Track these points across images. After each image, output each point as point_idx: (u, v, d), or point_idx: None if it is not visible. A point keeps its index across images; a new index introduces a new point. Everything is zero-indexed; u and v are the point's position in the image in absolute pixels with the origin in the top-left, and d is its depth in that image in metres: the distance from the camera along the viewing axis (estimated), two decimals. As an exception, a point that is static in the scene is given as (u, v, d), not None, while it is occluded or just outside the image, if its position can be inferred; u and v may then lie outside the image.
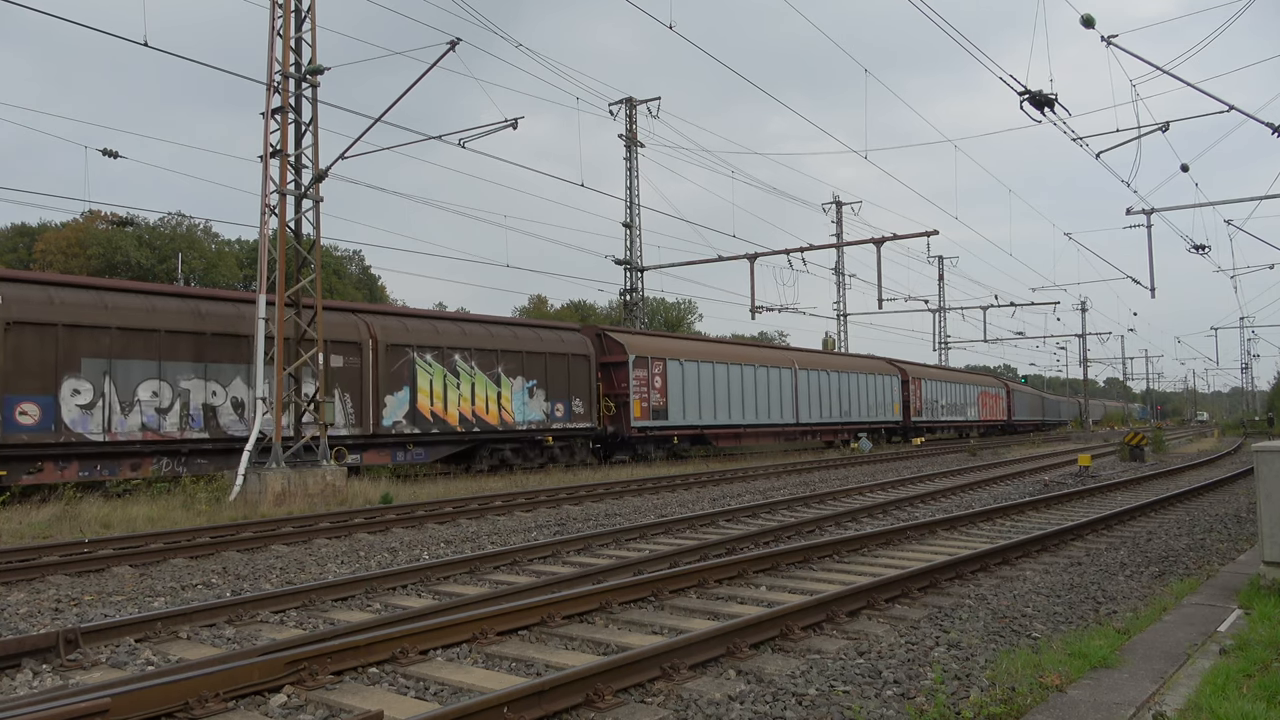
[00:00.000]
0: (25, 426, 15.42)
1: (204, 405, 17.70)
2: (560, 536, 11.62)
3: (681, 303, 73.65)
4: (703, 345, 32.47)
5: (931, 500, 16.60)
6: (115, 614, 7.67)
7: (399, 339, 21.48)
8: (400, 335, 21.56)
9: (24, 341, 15.52)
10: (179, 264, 47.97)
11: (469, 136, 19.69)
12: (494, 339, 24.13)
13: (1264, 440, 17.79)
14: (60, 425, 15.82)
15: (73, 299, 16.39)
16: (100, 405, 16.32)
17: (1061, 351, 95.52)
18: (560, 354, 25.70)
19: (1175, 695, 4.90)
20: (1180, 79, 14.88)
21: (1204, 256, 27.42)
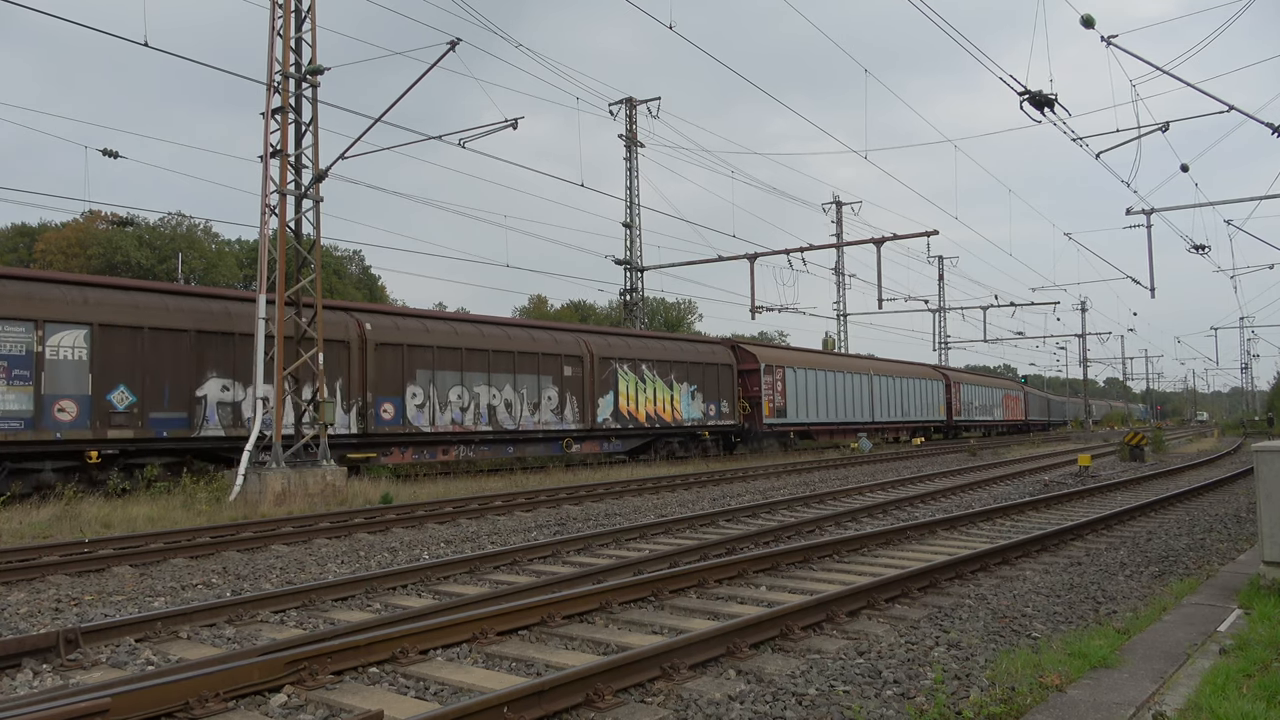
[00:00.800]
0: (386, 421, 20.94)
1: (488, 406, 23.31)
2: (560, 536, 11.62)
3: (681, 303, 73.72)
4: (809, 355, 38.45)
5: (931, 500, 16.60)
6: (115, 614, 7.67)
7: (605, 353, 26.77)
8: (606, 350, 26.91)
9: (384, 358, 20.96)
10: (179, 264, 47.97)
11: (469, 136, 19.71)
12: (667, 351, 29.53)
13: (1264, 440, 17.80)
14: (405, 420, 21.28)
15: (408, 325, 22.11)
16: (427, 405, 21.87)
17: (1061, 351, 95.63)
18: (712, 363, 30.98)
19: (1175, 695, 4.90)
20: (1180, 79, 14.89)
21: (1204, 256, 27.43)
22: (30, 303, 15.79)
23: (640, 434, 28.01)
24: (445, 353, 22.36)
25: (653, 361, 28.55)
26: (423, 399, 21.72)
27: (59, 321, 16.08)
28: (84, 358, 16.36)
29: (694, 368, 30.12)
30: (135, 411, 16.88)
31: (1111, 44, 14.47)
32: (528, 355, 24.53)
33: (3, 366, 15.45)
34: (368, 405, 20.55)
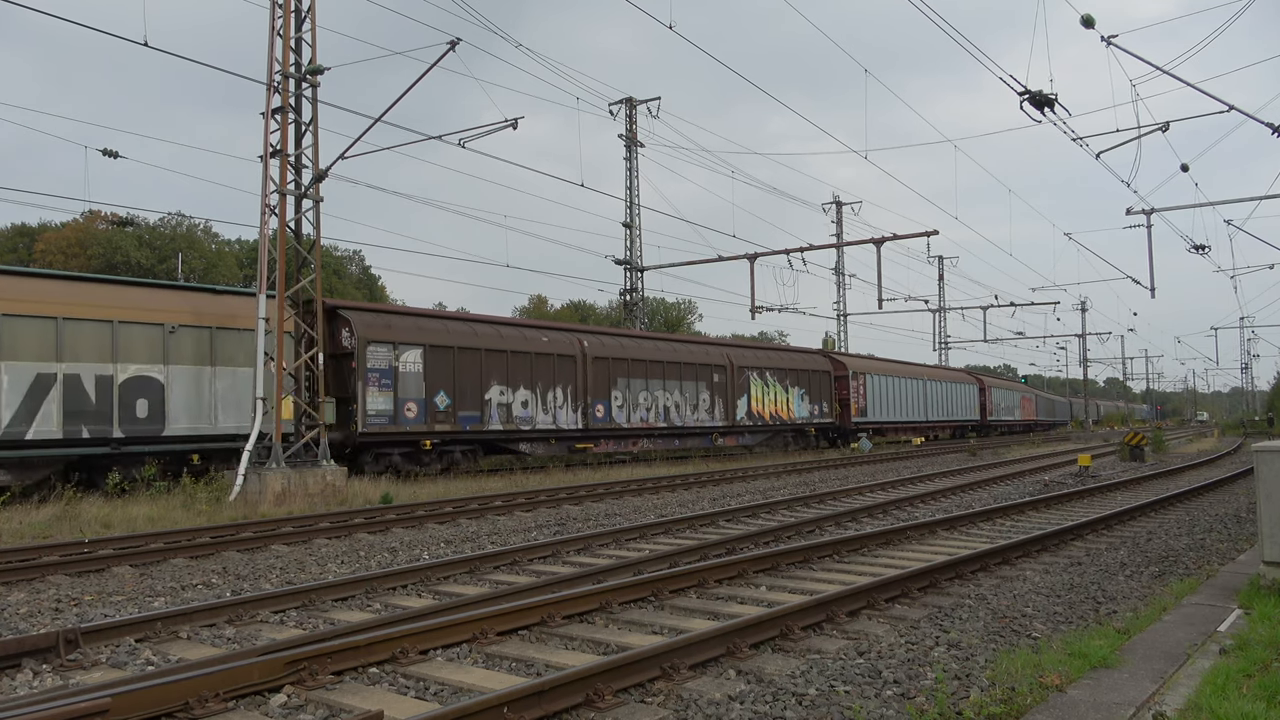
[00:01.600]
0: (599, 418, 26.11)
1: (663, 407, 28.58)
2: (560, 536, 11.62)
3: (681, 303, 73.73)
4: (882, 363, 43.88)
5: (931, 500, 16.60)
6: (115, 614, 7.67)
7: (741, 362, 32.43)
8: (741, 360, 32.44)
9: (597, 369, 26.18)
10: (179, 264, 47.95)
11: (469, 136, 19.71)
12: (782, 360, 35.32)
13: (1264, 440, 17.80)
14: (610, 417, 26.48)
15: (611, 343, 27.58)
16: (625, 406, 27.11)
17: (1061, 351, 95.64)
18: (815, 370, 36.84)
19: (1175, 695, 4.90)
20: (1180, 79, 14.90)
21: (1204, 256, 27.43)
22: (390, 330, 21.00)
23: (765, 429, 33.78)
24: (636, 364, 27.73)
25: (773, 369, 34.08)
26: (621, 401, 27.09)
27: (406, 343, 21.09)
28: (420, 370, 21.30)
29: (802, 374, 35.81)
30: (450, 410, 21.94)
31: (1111, 44, 14.47)
32: (690, 365, 29.89)
33: (375, 377, 20.18)
34: (587, 406, 25.73)
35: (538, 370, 24.37)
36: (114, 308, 16.83)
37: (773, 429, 33.95)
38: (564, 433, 24.96)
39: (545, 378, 24.46)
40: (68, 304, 16.27)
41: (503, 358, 23.39)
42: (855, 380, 38.59)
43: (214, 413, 17.93)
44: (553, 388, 24.72)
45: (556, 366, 24.76)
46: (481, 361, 22.77)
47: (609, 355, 26.73)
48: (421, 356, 21.26)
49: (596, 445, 26.54)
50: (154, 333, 17.22)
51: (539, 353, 24.56)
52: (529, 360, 24.13)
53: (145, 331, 17.08)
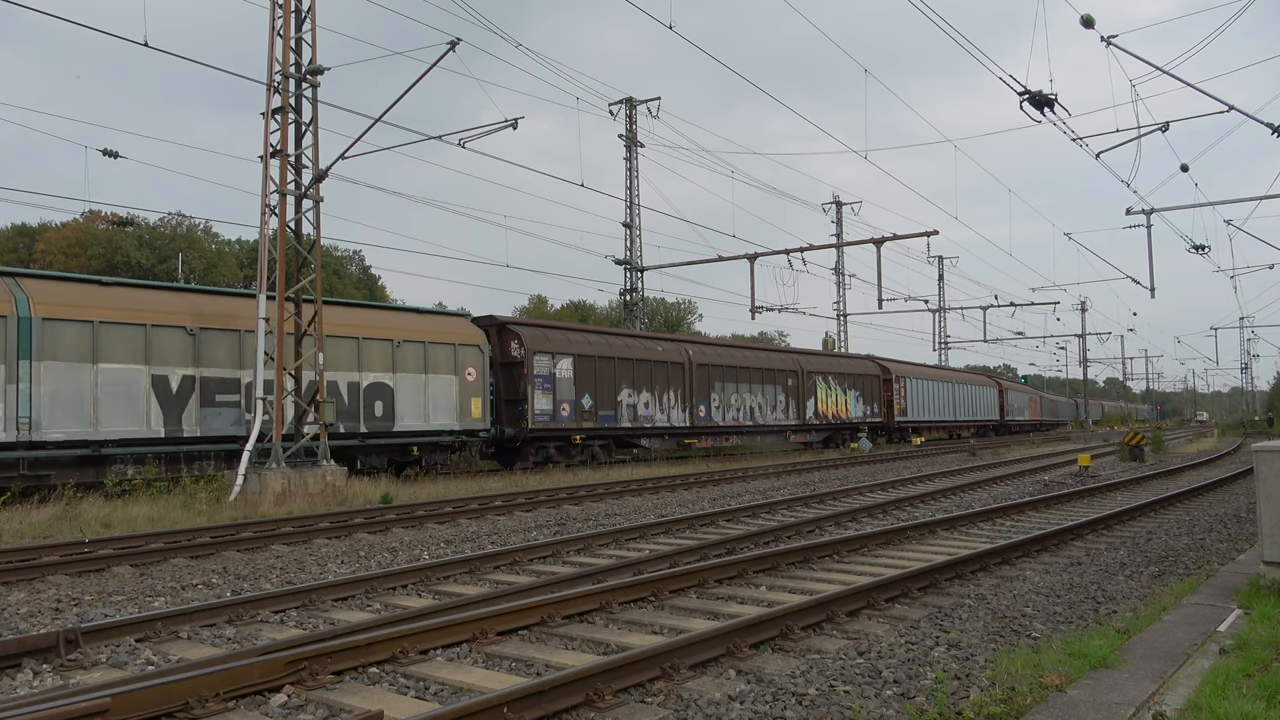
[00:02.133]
0: (701, 418, 29.99)
1: (749, 407, 32.65)
2: (560, 536, 11.62)
3: (681, 303, 73.70)
4: (918, 368, 48.98)
5: (931, 500, 16.60)
6: (115, 614, 7.67)
7: (810, 368, 36.72)
8: (810, 365, 36.99)
9: (699, 374, 30.21)
10: (179, 264, 47.94)
11: (469, 137, 19.70)
12: (841, 365, 39.79)
13: (1264, 440, 17.80)
14: (710, 417, 30.51)
15: (709, 351, 31.78)
16: (720, 407, 31.10)
17: (1061, 351, 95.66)
18: (867, 375, 41.24)
19: (1175, 695, 4.90)
20: (1180, 79, 14.90)
21: (1204, 256, 27.43)
22: (549, 341, 24.85)
23: (828, 428, 38.01)
24: (729, 370, 31.76)
25: (834, 374, 38.33)
26: (718, 402, 31.00)
27: (561, 353, 24.98)
28: (571, 376, 25.13)
29: (856, 378, 40.05)
30: (593, 410, 25.82)
31: (1111, 44, 14.47)
32: (769, 371, 34.10)
33: (540, 382, 24.11)
34: (692, 406, 29.58)
35: (655, 376, 28.43)
36: (360, 326, 20.76)
37: (834, 427, 38.35)
38: (675, 430, 29.15)
39: (661, 382, 28.66)
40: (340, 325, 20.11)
41: (630, 365, 27.38)
42: (898, 383, 42.96)
43: (427, 412, 21.71)
44: (666, 390, 28.87)
45: (669, 373, 29.02)
46: (615, 368, 26.81)
47: (709, 362, 30.92)
48: (572, 364, 25.23)
49: (699, 441, 30.82)
50: (386, 347, 21.06)
51: (656, 360, 28.56)
52: (649, 367, 28.17)
53: (381, 346, 20.96)
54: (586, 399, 25.50)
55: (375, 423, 20.53)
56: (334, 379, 19.59)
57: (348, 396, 20.02)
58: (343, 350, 19.94)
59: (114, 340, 16.72)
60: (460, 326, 23.46)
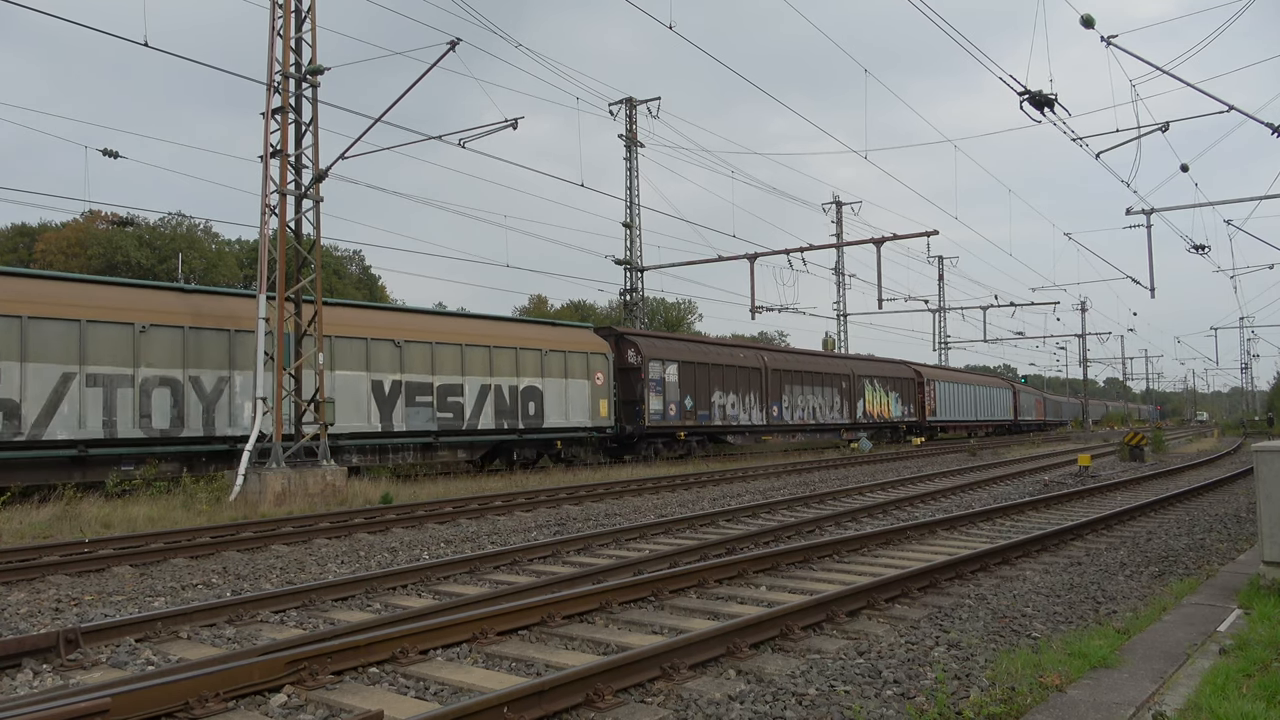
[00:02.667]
0: (774, 416, 33.74)
1: (812, 407, 36.50)
2: (560, 536, 11.62)
3: (681, 303, 73.68)
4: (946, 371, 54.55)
5: (931, 500, 16.60)
6: (115, 614, 7.67)
7: (859, 372, 40.65)
8: (859, 370, 40.90)
9: (773, 379, 33.99)
10: (179, 264, 47.93)
11: (469, 136, 19.70)
12: (883, 369, 43.95)
13: (1264, 440, 17.80)
14: (781, 416, 34.24)
15: (779, 358, 35.79)
16: (788, 407, 34.90)
17: (1061, 351, 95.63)
18: (904, 378, 45.45)
19: (1175, 695, 4.90)
20: (1180, 79, 14.90)
21: (1204, 256, 27.42)
22: (659, 349, 28.81)
23: (874, 425, 42.09)
24: (796, 374, 35.70)
25: (878, 377, 42.27)
26: (788, 403, 34.79)
27: (669, 360, 28.73)
28: (677, 380, 28.85)
29: (895, 381, 44.19)
30: (693, 410, 29.41)
31: (1111, 44, 14.47)
32: (829, 375, 38.03)
33: (654, 385, 27.77)
34: (767, 407, 33.38)
35: (739, 380, 32.12)
36: (520, 338, 24.64)
37: (879, 425, 42.41)
38: (754, 427, 32.96)
39: (744, 386, 32.29)
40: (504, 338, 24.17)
41: (720, 370, 31.17)
42: (929, 386, 47.17)
43: (568, 412, 25.30)
44: (748, 393, 32.47)
45: (750, 377, 32.70)
46: (709, 373, 30.53)
47: (780, 368, 34.77)
48: (677, 370, 28.93)
49: (772, 437, 35.86)
50: (536, 356, 24.62)
51: (740, 366, 32.31)
52: (735, 372, 31.96)
53: (533, 355, 24.53)
54: (688, 400, 29.36)
55: (529, 420, 24.27)
56: (498, 383, 23.61)
57: (508, 398, 23.75)
58: (505, 359, 23.84)
59: (344, 351, 20.11)
60: (589, 337, 27.22)
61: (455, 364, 22.29)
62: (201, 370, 17.71)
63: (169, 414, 17.15)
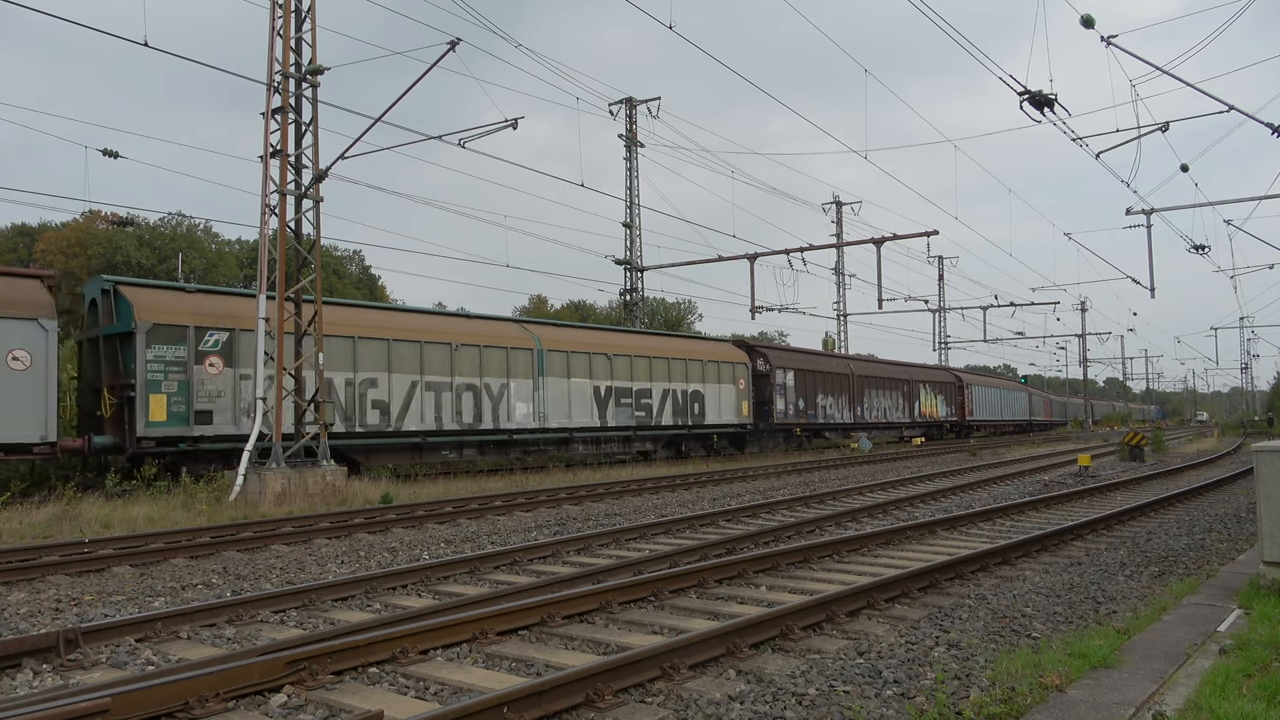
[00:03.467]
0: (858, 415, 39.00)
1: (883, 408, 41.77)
2: (560, 536, 11.62)
3: (681, 303, 73.67)
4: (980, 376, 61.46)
5: (931, 500, 16.60)
6: (115, 614, 7.67)
7: (915, 378, 46.33)
8: (915, 376, 46.47)
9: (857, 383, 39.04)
10: (179, 264, 47.91)
11: (469, 137, 19.70)
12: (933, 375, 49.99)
13: (1264, 440, 17.79)
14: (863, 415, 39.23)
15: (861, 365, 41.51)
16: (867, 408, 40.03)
17: (1061, 351, 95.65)
18: (947, 382, 50.93)
19: (1175, 695, 4.90)
20: (1180, 79, 14.90)
21: (1204, 256, 27.42)
22: (783, 359, 34.66)
23: (926, 425, 47.63)
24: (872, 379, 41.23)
25: (930, 382, 48.35)
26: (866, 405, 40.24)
27: (788, 368, 34.47)
28: (793, 385, 34.33)
29: (941, 385, 49.89)
30: (803, 410, 34.98)
31: (1111, 44, 14.47)
32: (894, 380, 43.74)
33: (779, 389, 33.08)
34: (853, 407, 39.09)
35: (833, 384, 37.59)
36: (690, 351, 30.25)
37: (930, 424, 48.08)
38: (845, 425, 38.59)
39: (836, 389, 37.75)
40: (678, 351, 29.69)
41: (821, 376, 36.72)
42: (967, 389, 52.68)
43: (721, 411, 30.69)
44: (840, 396, 37.98)
45: (840, 382, 38.21)
46: (814, 379, 36.16)
47: (862, 374, 40.24)
48: (793, 377, 34.63)
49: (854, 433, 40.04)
50: (700, 365, 30.06)
51: (834, 373, 37.83)
52: (831, 378, 37.45)
53: (698, 365, 29.94)
54: (801, 402, 34.95)
55: (695, 418, 29.43)
56: (674, 388, 28.77)
57: (681, 401, 28.91)
58: (678, 368, 29.11)
59: (575, 363, 25.28)
60: (733, 350, 32.73)
61: (647, 373, 27.85)
62: (489, 379, 22.93)
63: (472, 411, 22.49)
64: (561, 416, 24.55)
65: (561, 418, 24.54)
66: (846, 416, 38.30)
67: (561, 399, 24.55)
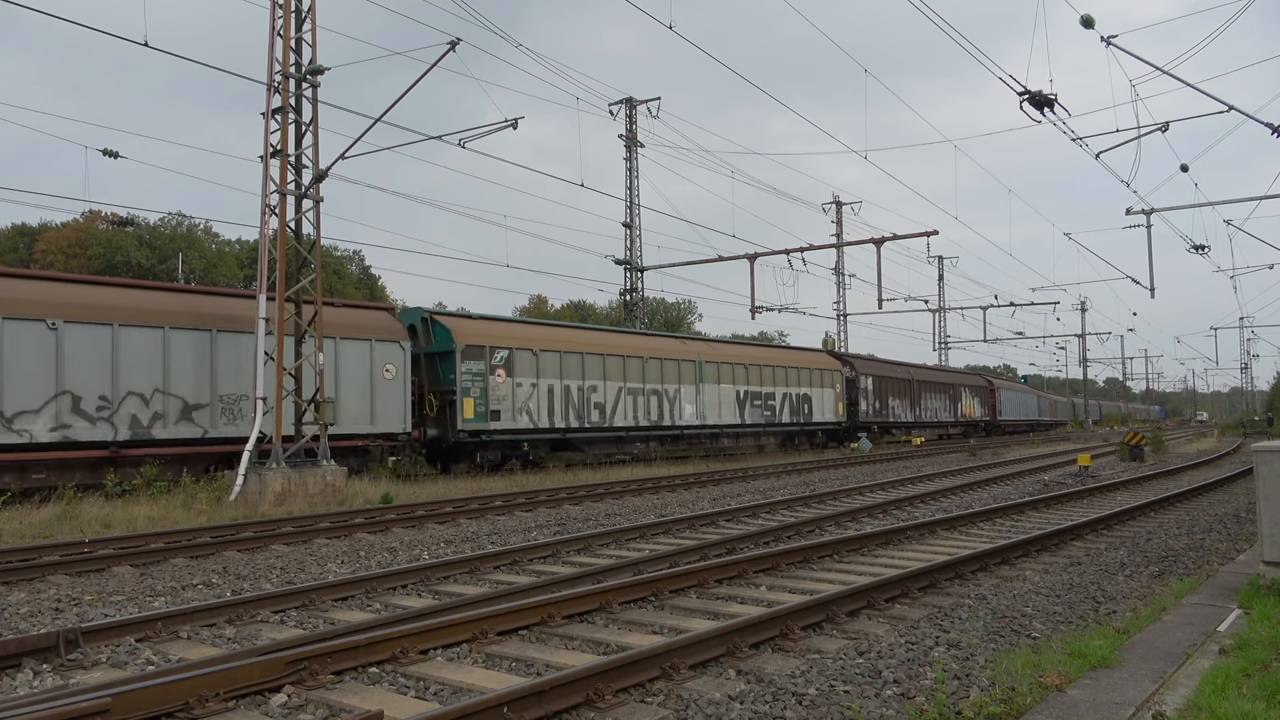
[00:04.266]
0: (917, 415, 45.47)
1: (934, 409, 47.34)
2: (560, 536, 11.62)
3: (681, 303, 73.75)
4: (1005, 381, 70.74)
5: (931, 500, 16.60)
6: (116, 614, 7.67)
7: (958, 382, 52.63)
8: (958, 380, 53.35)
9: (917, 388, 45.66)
10: (179, 264, 47.93)
11: (469, 137, 19.71)
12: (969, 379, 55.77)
13: (1264, 440, 17.79)
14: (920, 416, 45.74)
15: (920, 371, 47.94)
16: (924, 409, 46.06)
17: (1061, 351, 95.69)
18: (981, 386, 56.84)
19: (1175, 695, 4.91)
20: (1180, 79, 14.90)
21: (1204, 256, 27.43)
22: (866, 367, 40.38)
23: (966, 424, 53.09)
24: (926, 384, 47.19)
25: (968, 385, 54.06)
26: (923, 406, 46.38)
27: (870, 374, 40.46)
28: (872, 389, 40.41)
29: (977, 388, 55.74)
30: (879, 410, 41.00)
31: (1111, 44, 14.47)
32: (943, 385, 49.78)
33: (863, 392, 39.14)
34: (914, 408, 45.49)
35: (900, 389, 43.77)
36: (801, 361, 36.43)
37: (969, 423, 53.91)
38: (908, 424, 44.92)
39: (902, 393, 44.06)
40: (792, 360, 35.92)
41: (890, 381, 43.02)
42: (996, 393, 58.28)
43: (824, 411, 36.78)
44: (904, 398, 44.22)
45: (903, 386, 44.28)
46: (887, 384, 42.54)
47: (920, 379, 46.72)
48: (873, 382, 41.03)
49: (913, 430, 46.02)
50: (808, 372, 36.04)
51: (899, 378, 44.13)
52: (897, 383, 43.70)
53: (807, 372, 35.96)
54: (876, 404, 40.91)
55: (805, 417, 35.64)
56: (790, 392, 34.71)
57: (795, 402, 35.04)
58: (793, 375, 35.08)
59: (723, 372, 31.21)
60: (829, 359, 38.80)
61: (771, 379, 33.72)
62: (667, 385, 28.61)
63: (655, 411, 28.00)
64: (714, 415, 30.62)
65: (715, 416, 30.63)
66: (909, 416, 44.66)
67: (714, 401, 30.68)
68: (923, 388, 46.59)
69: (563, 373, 24.58)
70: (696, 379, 29.79)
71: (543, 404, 23.94)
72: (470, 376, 22.07)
